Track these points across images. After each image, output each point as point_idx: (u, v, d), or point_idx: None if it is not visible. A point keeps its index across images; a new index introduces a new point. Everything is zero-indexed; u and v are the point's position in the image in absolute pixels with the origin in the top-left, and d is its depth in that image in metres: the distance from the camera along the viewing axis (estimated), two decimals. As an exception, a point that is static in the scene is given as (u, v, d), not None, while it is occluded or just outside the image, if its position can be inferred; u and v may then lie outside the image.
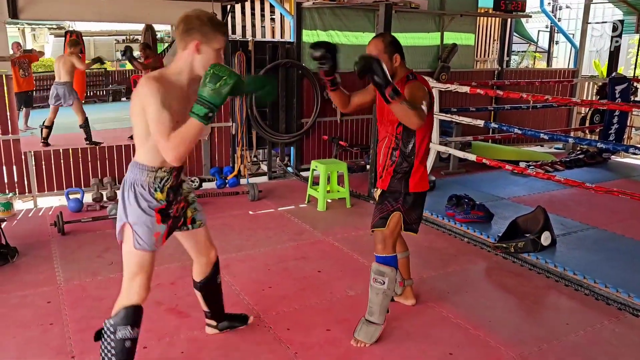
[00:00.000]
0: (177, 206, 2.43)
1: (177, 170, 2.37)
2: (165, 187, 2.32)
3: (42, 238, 4.31)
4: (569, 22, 15.08)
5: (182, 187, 2.50)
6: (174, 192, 2.38)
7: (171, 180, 2.34)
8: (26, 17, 4.88)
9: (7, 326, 2.97)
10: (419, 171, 2.84)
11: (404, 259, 3.22)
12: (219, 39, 2.25)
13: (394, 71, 2.75)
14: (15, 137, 5.03)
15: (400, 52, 2.78)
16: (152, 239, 2.30)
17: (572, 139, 5.34)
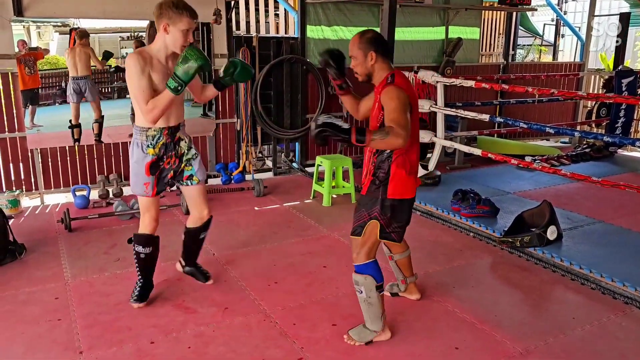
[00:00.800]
0: (169, 160, 2.95)
1: (169, 129, 2.88)
2: (159, 144, 2.87)
3: (49, 235, 4.34)
4: (575, 15, 14.97)
5: (179, 145, 2.99)
6: (166, 148, 2.91)
7: (163, 138, 2.88)
8: (31, 15, 4.90)
9: (15, 322, 3.00)
10: (397, 176, 2.64)
11: (404, 258, 3.15)
12: (184, 20, 2.68)
13: (369, 70, 2.64)
14: (21, 135, 5.06)
15: (380, 49, 2.61)
16: (142, 187, 2.90)
17: (578, 133, 5.31)
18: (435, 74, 5.34)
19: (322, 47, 6.43)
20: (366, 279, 2.69)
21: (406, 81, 2.62)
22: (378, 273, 2.72)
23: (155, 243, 3.14)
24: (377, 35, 2.66)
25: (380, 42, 2.63)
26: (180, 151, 3.00)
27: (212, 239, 4.25)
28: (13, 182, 5.09)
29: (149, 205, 3.01)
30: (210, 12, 5.38)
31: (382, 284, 2.73)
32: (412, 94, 2.62)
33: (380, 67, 2.63)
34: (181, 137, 2.99)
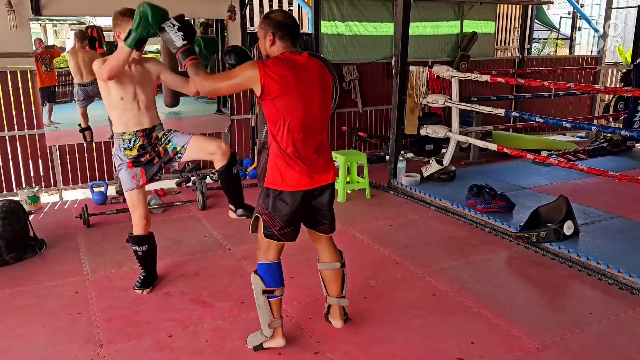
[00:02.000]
0: (149, 154, 3.10)
1: (143, 132, 3.06)
2: (136, 146, 3.07)
3: (68, 230, 4.41)
4: (592, 8, 14.75)
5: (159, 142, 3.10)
6: (143, 149, 3.08)
7: (139, 140, 3.07)
8: (49, 13, 4.97)
9: (37, 315, 3.06)
10: (273, 163, 2.47)
11: (329, 271, 2.81)
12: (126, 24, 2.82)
13: (267, 52, 2.50)
14: (40, 132, 5.14)
15: (278, 31, 2.43)
16: (132, 180, 3.10)
17: (595, 127, 5.22)
18: (450, 69, 5.30)
19: (336, 43, 6.43)
20: (254, 279, 2.61)
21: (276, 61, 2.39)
22: (269, 277, 2.59)
23: (149, 241, 3.30)
24: (276, 17, 2.47)
25: (280, 24, 2.44)
26: (159, 146, 3.13)
27: (227, 233, 4.30)
28: (32, 178, 5.18)
29: (135, 203, 3.17)
30: (224, 9, 5.41)
31: (272, 290, 2.58)
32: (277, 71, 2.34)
33: (279, 49, 2.47)
34: (158, 135, 3.14)
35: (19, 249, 3.77)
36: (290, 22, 2.48)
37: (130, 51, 2.73)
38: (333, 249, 2.82)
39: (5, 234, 3.63)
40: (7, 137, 5.00)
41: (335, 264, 2.80)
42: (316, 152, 2.51)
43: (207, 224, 4.56)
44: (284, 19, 2.47)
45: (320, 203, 2.62)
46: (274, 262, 2.62)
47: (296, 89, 2.38)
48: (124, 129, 3.05)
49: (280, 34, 2.45)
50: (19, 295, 3.30)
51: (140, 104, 3.04)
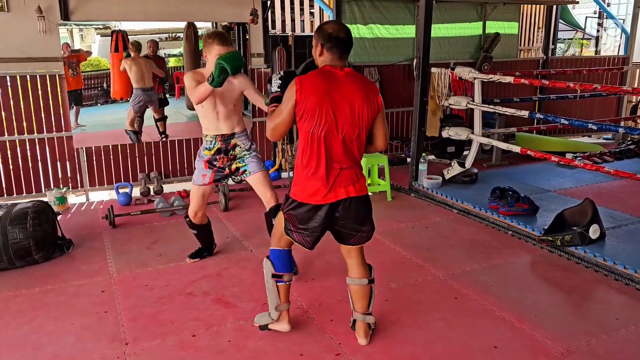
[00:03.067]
0: (222, 160, 3.49)
1: (222, 137, 3.46)
2: (214, 148, 3.48)
3: (94, 230, 4.51)
4: (619, 7, 14.47)
5: (234, 150, 3.50)
6: (219, 152, 3.48)
7: (217, 143, 3.47)
8: (77, 18, 5.08)
9: (66, 313, 3.14)
10: (299, 177, 2.55)
11: (356, 287, 2.74)
12: (215, 48, 3.24)
13: (317, 62, 2.55)
14: (68, 134, 5.26)
15: (327, 42, 2.45)
16: (201, 177, 3.51)
17: (622, 129, 5.13)
18: (472, 70, 5.27)
19: (357, 45, 6.44)
20: (266, 263, 2.77)
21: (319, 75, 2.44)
22: (280, 262, 2.74)
23: (197, 228, 3.77)
24: (324, 28, 2.49)
25: (327, 35, 2.45)
26: (233, 154, 3.50)
27: (249, 235, 4.34)
28: (60, 179, 5.30)
29: (193, 196, 3.61)
30: (247, 12, 5.47)
31: (281, 275, 2.74)
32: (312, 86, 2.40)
33: (327, 61, 2.49)
34: (237, 143, 3.51)
35: (48, 249, 3.86)
36: (341, 35, 2.46)
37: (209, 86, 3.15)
38: (362, 265, 2.75)
39: (35, 234, 3.73)
40: (36, 139, 5.13)
41: (363, 280, 2.73)
42: (341, 165, 2.50)
43: (229, 225, 4.60)
44: (334, 31, 2.46)
45: (345, 216, 2.56)
46: (285, 249, 2.75)
47: (322, 100, 2.39)
48: (206, 131, 3.48)
49: (329, 45, 2.45)
50: (48, 294, 3.38)
51: (220, 113, 3.41)
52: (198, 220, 3.69)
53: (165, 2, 5.26)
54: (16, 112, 4.99)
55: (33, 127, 5.09)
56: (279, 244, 2.75)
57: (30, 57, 4.91)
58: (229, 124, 3.47)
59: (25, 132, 5.07)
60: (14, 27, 4.78)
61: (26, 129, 5.07)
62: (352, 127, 2.46)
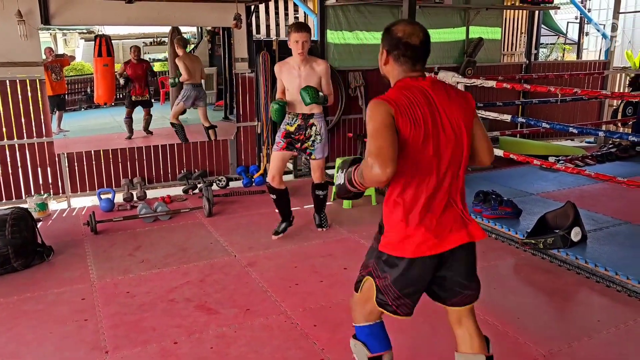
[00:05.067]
0: (298, 136, 4.14)
1: (302, 115, 4.10)
2: (295, 124, 4.13)
3: (75, 237, 4.44)
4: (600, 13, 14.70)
5: (310, 129, 4.12)
6: (299, 127, 4.13)
7: (298, 120, 4.12)
8: (58, 22, 5.02)
9: (44, 322, 3.08)
10: (390, 222, 1.95)
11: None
12: (292, 35, 3.91)
13: (383, 72, 2.04)
14: (49, 140, 5.18)
15: (394, 48, 1.93)
16: (276, 144, 4.19)
17: (603, 133, 5.21)
18: (455, 75, 5.30)
19: (342, 50, 6.45)
20: (356, 345, 2.13)
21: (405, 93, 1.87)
22: (374, 341, 2.09)
23: (277, 192, 4.24)
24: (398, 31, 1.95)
25: (391, 37, 1.94)
26: (309, 133, 4.13)
27: (233, 240, 4.31)
28: (41, 185, 5.22)
29: (273, 160, 4.21)
30: (230, 17, 5.45)
31: (380, 356, 2.08)
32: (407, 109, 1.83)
33: (394, 70, 1.96)
34: (315, 123, 4.12)
35: (27, 256, 3.80)
36: (414, 40, 1.91)
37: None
38: (477, 335, 2.12)
39: (13, 241, 3.66)
40: (16, 145, 5.05)
41: (479, 357, 2.08)
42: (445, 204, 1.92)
43: (213, 230, 4.57)
44: (404, 35, 1.91)
45: (453, 270, 1.99)
46: (378, 322, 2.11)
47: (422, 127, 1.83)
48: (290, 109, 4.10)
49: (397, 53, 1.91)
50: (27, 302, 3.32)
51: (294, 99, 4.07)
52: (276, 183, 4.17)
53: (148, 6, 5.22)
54: (-4, 118, 4.91)
55: (13, 133, 5.01)
56: (367, 318, 2.11)
57: (10, 62, 4.84)
58: (310, 106, 4.01)
59: (5, 138, 4.99)
60: (-7, 31, 4.71)
61: (6, 134, 4.99)
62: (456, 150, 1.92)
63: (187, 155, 5.85)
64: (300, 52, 3.93)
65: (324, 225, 4.54)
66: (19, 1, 4.62)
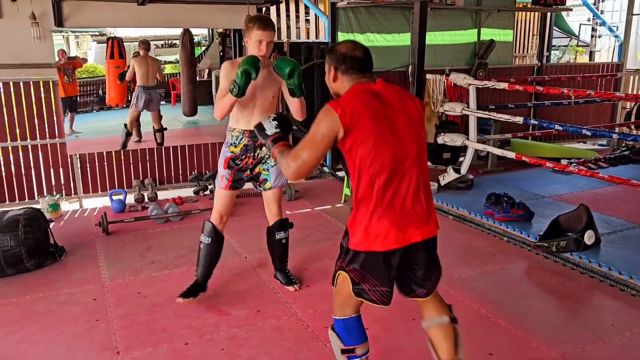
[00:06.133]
0: (246, 160, 3.21)
1: (250, 132, 3.13)
2: (240, 144, 3.19)
3: (87, 238, 4.47)
4: (613, 14, 14.57)
5: (261, 149, 3.20)
6: (246, 149, 3.19)
7: (245, 139, 3.17)
8: (71, 25, 5.06)
9: (56, 322, 3.10)
10: (358, 220, 2.03)
11: (436, 328, 2.24)
12: (255, 33, 2.98)
13: (334, 91, 2.18)
14: (61, 141, 5.22)
15: (340, 64, 2.09)
16: (219, 179, 3.24)
17: (616, 135, 5.16)
18: (467, 77, 5.27)
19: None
20: (331, 336, 2.24)
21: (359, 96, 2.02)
22: (347, 334, 2.19)
23: (217, 237, 3.30)
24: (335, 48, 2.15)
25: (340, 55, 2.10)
26: (259, 155, 3.23)
27: (243, 242, 4.31)
28: (53, 186, 5.26)
29: (216, 198, 3.31)
30: (242, 19, 5.44)
31: (352, 349, 2.18)
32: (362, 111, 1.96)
33: (342, 83, 2.13)
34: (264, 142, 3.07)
35: (40, 256, 3.82)
36: (358, 53, 2.09)
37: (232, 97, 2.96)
38: (438, 301, 2.26)
39: (26, 242, 3.69)
40: (29, 146, 5.09)
41: (443, 318, 2.23)
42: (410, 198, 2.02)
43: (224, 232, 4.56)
44: (349, 50, 2.10)
45: (416, 263, 2.10)
46: (353, 316, 2.21)
47: (380, 126, 1.97)
48: (235, 125, 3.19)
49: (344, 67, 2.09)
50: (39, 302, 3.35)
51: (257, 105, 3.12)
52: (222, 226, 3.30)
53: (160, 8, 5.25)
54: (9, 119, 4.96)
55: (26, 134, 5.06)
56: (344, 312, 2.21)
57: (24, 64, 4.89)
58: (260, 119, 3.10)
59: (19, 139, 5.04)
60: (7, 33, 4.76)
61: (19, 135, 5.03)
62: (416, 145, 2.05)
63: (198, 156, 5.87)
64: (263, 54, 3.00)
65: (295, 282, 3.48)
66: (33, 3, 4.67)
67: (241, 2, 5.43)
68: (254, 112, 3.12)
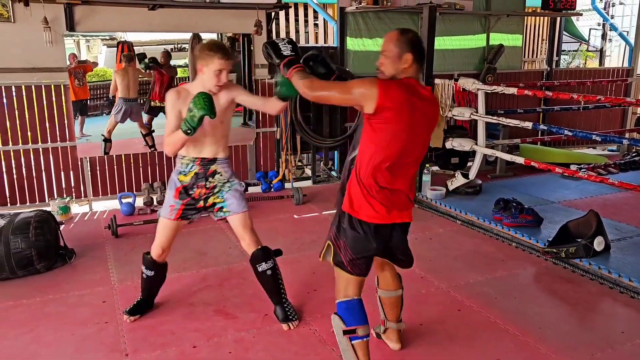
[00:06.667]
0: (199, 191, 3.00)
1: (201, 160, 2.96)
2: (191, 173, 2.97)
3: (97, 240, 4.50)
4: (623, 19, 14.50)
5: (213, 178, 3.00)
6: (197, 178, 2.98)
7: (196, 167, 2.97)
8: (82, 29, 5.11)
9: (66, 323, 3.12)
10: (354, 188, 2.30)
11: (391, 298, 2.71)
12: (215, 62, 2.77)
13: (395, 72, 2.26)
14: (72, 144, 5.27)
15: (416, 54, 2.25)
16: (168, 209, 3.01)
17: (626, 141, 5.12)
18: (476, 82, 5.26)
19: (362, 57, 6.45)
20: (334, 320, 2.37)
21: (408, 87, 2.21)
22: (349, 315, 2.34)
23: (159, 269, 3.17)
24: (418, 40, 2.30)
25: (419, 48, 2.28)
26: (211, 184, 2.99)
27: (252, 246, 4.31)
28: (64, 189, 5.31)
29: (161, 229, 3.05)
30: (251, 24, 5.50)
31: (354, 329, 2.32)
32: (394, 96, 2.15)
33: (410, 72, 2.26)
34: (217, 170, 2.99)
35: (50, 258, 3.85)
36: (424, 46, 2.32)
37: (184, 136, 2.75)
38: (396, 276, 2.71)
39: (37, 244, 3.72)
40: (40, 149, 5.14)
41: (398, 292, 2.72)
42: (401, 187, 2.31)
43: (232, 235, 4.57)
44: (420, 41, 2.30)
45: (397, 241, 2.42)
46: (354, 298, 2.38)
47: (408, 121, 2.18)
48: (185, 152, 2.96)
49: (416, 57, 2.24)
50: (49, 304, 3.37)
51: (208, 132, 2.89)
52: (161, 258, 3.12)
53: (170, 13, 5.29)
54: (21, 122, 5.01)
55: (37, 137, 5.11)
56: (346, 293, 2.40)
57: (35, 67, 4.94)
58: (214, 147, 2.97)
59: (30, 142, 5.09)
60: (19, 37, 4.81)
61: (30, 138, 5.08)
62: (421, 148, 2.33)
63: (207, 160, 5.89)
64: (221, 85, 2.83)
65: (292, 318, 3.11)
66: (45, 8, 4.72)
67: (250, 7, 5.46)
68: (205, 139, 2.91)
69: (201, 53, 2.81)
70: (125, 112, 6.45)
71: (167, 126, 2.86)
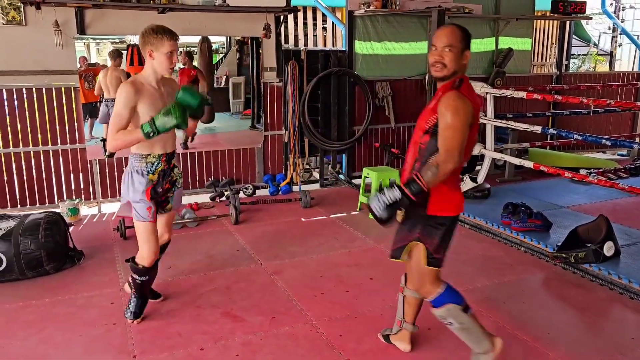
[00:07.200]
0: (164, 187, 3.01)
1: (166, 156, 2.95)
2: (157, 170, 2.94)
3: (105, 242, 4.52)
4: (634, 23, 14.40)
5: (174, 172, 3.07)
6: (164, 175, 2.98)
7: (162, 164, 2.95)
8: (93, 32, 5.15)
9: (75, 325, 3.14)
10: (441, 190, 2.39)
11: (417, 299, 2.76)
12: (165, 44, 2.75)
13: (458, 68, 2.34)
14: (82, 146, 5.30)
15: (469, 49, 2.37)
16: (145, 212, 2.93)
17: (637, 145, 5.09)
18: (484, 85, 5.25)
19: (371, 60, 6.45)
20: (448, 309, 2.49)
21: (472, 89, 2.41)
22: (456, 296, 2.52)
23: (152, 270, 3.13)
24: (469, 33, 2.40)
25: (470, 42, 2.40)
26: (173, 177, 3.09)
27: (259, 248, 4.32)
28: (73, 191, 5.34)
29: (148, 235, 2.99)
30: (260, 27, 5.51)
31: (466, 304, 2.52)
32: (476, 104, 2.35)
33: (464, 68, 2.38)
34: (175, 164, 3.08)
35: (59, 260, 3.88)
36: None
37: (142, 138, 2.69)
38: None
39: (46, 245, 3.75)
40: (50, 151, 5.18)
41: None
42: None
43: (240, 238, 4.60)
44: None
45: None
46: (445, 283, 2.55)
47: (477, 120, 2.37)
48: (149, 150, 2.88)
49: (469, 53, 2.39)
50: (58, 305, 3.39)
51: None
52: (153, 262, 3.07)
53: (179, 17, 5.32)
54: (31, 124, 5.05)
55: (48, 139, 5.15)
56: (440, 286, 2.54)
57: (46, 70, 4.98)
58: (172, 140, 2.97)
59: (40, 144, 5.13)
60: (30, 40, 4.86)
61: (41, 140, 5.12)
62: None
63: (215, 163, 5.92)
64: (173, 67, 2.82)
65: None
66: (56, 11, 4.76)
67: (259, 11, 5.48)
68: (169, 133, 2.85)
69: (148, 38, 2.76)
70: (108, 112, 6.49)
71: (117, 121, 2.72)
